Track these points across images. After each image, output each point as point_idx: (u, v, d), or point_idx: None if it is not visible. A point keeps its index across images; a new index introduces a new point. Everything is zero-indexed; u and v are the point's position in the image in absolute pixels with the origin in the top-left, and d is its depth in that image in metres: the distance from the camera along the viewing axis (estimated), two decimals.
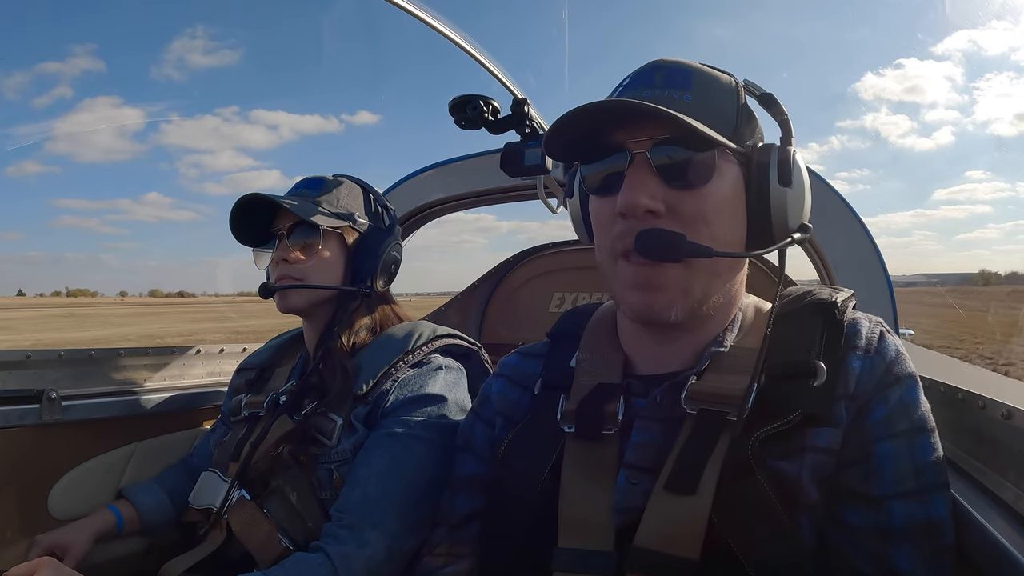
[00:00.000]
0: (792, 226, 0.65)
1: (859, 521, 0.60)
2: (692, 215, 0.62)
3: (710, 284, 0.65)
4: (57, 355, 1.26)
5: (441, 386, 1.01)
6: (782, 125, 0.67)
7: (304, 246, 1.06)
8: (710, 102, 0.64)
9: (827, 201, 1.27)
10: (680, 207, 0.62)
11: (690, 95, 0.64)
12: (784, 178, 0.64)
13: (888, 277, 1.24)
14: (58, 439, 1.20)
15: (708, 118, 0.62)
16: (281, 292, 1.05)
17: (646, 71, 0.67)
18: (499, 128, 1.26)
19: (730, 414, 0.61)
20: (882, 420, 0.61)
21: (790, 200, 0.64)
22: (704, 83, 0.65)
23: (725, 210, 0.64)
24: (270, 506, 0.97)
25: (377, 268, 1.09)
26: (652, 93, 0.64)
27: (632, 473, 0.65)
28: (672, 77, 0.65)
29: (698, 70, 0.66)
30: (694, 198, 0.62)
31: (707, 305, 0.66)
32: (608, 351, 0.75)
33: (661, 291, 0.63)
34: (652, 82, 0.65)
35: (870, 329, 0.65)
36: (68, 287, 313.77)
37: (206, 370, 1.52)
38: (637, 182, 0.62)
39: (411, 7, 1.36)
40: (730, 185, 0.64)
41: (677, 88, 0.64)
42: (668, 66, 0.66)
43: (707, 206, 0.63)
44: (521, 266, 1.91)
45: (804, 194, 0.66)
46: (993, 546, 0.56)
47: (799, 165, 0.66)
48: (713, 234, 0.63)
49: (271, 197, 1.03)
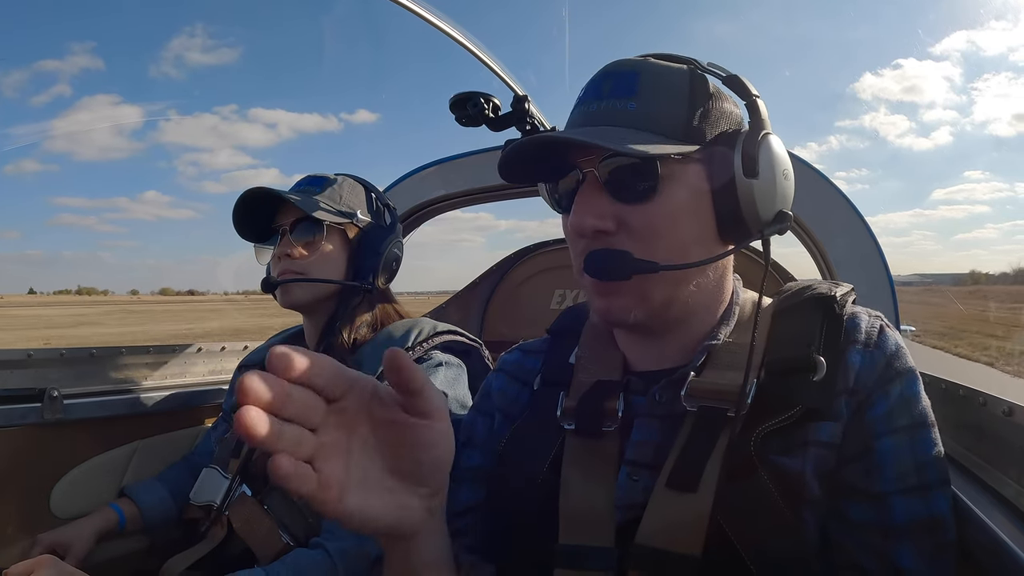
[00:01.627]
0: (765, 217, 0.63)
1: (861, 517, 0.60)
2: (643, 228, 0.62)
3: (673, 290, 0.65)
4: (58, 354, 1.27)
5: (441, 382, 1.01)
6: (749, 108, 0.65)
7: (307, 242, 1.06)
8: (657, 104, 0.63)
9: (828, 198, 1.26)
10: (630, 221, 0.62)
11: (634, 102, 0.62)
12: (749, 170, 0.62)
13: (889, 274, 1.24)
14: (60, 438, 1.20)
15: (653, 122, 0.61)
16: (283, 287, 1.05)
17: (596, 80, 0.66)
18: (500, 125, 1.25)
19: (730, 410, 0.61)
20: (883, 415, 0.61)
21: (758, 192, 0.62)
22: (651, 84, 0.63)
23: (681, 216, 0.63)
24: (271, 502, 0.97)
25: (379, 265, 1.09)
26: (599, 106, 0.64)
27: (633, 470, 0.65)
28: (619, 85, 0.64)
29: (646, 71, 0.64)
30: (643, 211, 0.62)
31: (676, 307, 0.66)
32: (607, 348, 0.75)
33: (617, 296, 0.64)
34: (600, 93, 0.64)
35: (870, 323, 0.65)
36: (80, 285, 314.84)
37: (207, 368, 1.52)
38: (585, 201, 0.63)
39: (411, 4, 1.36)
40: (687, 189, 0.62)
41: (622, 97, 0.63)
42: (616, 73, 0.65)
43: (657, 218, 0.62)
44: (522, 263, 1.91)
45: (775, 183, 0.63)
46: (994, 543, 0.56)
47: (770, 150, 0.63)
48: (668, 244, 0.62)
49: (276, 191, 1.03)
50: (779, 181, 0.64)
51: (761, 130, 0.63)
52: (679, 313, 0.67)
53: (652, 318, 0.65)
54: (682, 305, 0.66)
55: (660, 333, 0.69)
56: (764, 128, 0.64)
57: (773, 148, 0.64)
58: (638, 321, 0.65)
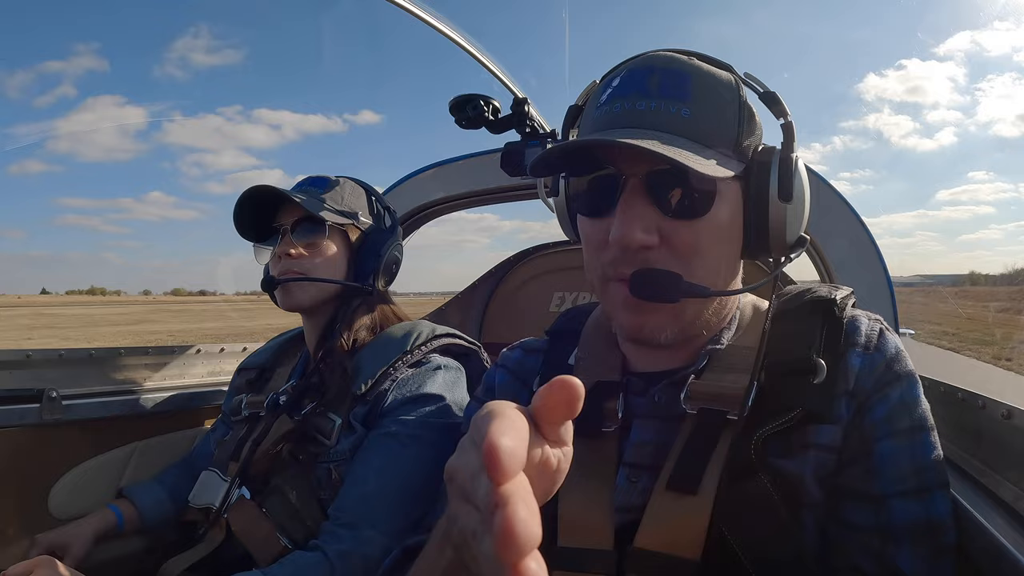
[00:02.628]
0: (790, 241, 0.64)
1: (860, 520, 0.60)
2: (688, 247, 0.60)
3: (703, 308, 0.65)
4: (57, 355, 1.26)
5: (440, 386, 1.01)
6: (784, 129, 0.63)
7: (308, 242, 1.05)
8: (711, 113, 0.60)
9: (828, 201, 1.26)
10: (675, 238, 0.60)
11: (688, 108, 0.59)
12: (785, 193, 0.61)
13: (889, 277, 1.24)
14: (58, 439, 1.20)
15: (709, 134, 0.59)
16: (284, 288, 1.05)
17: (639, 73, 0.61)
18: (499, 128, 1.26)
19: (730, 413, 0.61)
20: (882, 419, 0.61)
21: (789, 217, 0.62)
22: (704, 88, 0.60)
23: (722, 236, 0.62)
24: (269, 505, 0.97)
25: (380, 267, 1.09)
26: (647, 105, 0.59)
27: (632, 472, 0.65)
28: (669, 83, 0.60)
29: (697, 72, 0.61)
30: (691, 228, 0.60)
31: (700, 323, 0.66)
32: (606, 349, 0.75)
33: (653, 313, 0.62)
34: (647, 90, 0.60)
35: (869, 326, 0.65)
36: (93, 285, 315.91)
37: (206, 369, 1.52)
38: (632, 213, 0.59)
39: (412, 7, 1.36)
40: (729, 206, 0.61)
41: (675, 99, 0.59)
42: (664, 68, 0.61)
43: (704, 236, 0.60)
44: (521, 265, 1.90)
45: (804, 206, 0.64)
46: (993, 546, 0.56)
47: (800, 175, 0.63)
48: (708, 264, 0.61)
49: (279, 190, 1.03)
50: (807, 204, 0.64)
51: (792, 151, 0.62)
52: (701, 328, 0.67)
53: (681, 335, 0.65)
54: (704, 321, 0.66)
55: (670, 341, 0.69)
56: (795, 151, 0.63)
57: (802, 172, 0.63)
58: (669, 340, 0.64)
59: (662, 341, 0.64)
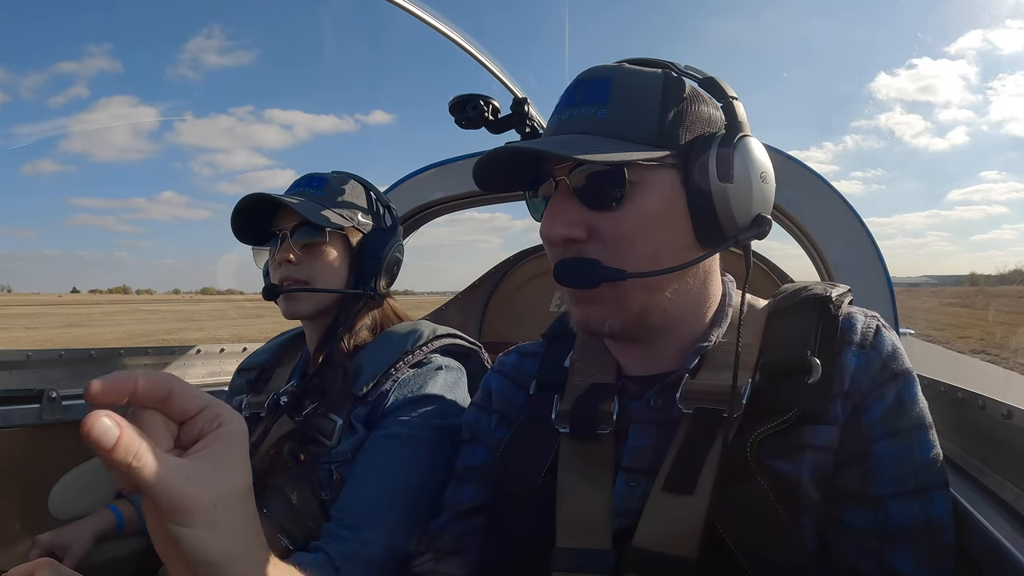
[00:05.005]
0: (742, 222, 0.62)
1: (858, 521, 0.60)
2: (613, 236, 0.62)
3: (649, 298, 0.64)
4: (57, 355, 1.26)
5: (441, 386, 1.01)
6: (725, 110, 0.65)
7: (307, 246, 1.04)
8: (628, 110, 0.62)
9: (827, 200, 1.26)
10: (601, 229, 0.62)
11: (605, 108, 0.62)
12: (723, 173, 0.61)
13: (888, 277, 1.24)
14: (58, 439, 1.20)
15: (625, 128, 0.61)
16: (286, 296, 1.04)
17: (571, 89, 0.66)
18: (499, 127, 1.26)
19: (725, 411, 0.61)
20: (879, 418, 0.60)
21: (733, 196, 0.61)
22: (623, 90, 0.63)
23: (651, 223, 0.62)
24: (270, 506, 0.96)
25: (381, 269, 1.08)
26: (571, 114, 0.64)
27: (630, 476, 0.65)
28: (590, 92, 0.64)
29: (619, 76, 0.64)
30: (614, 219, 0.62)
31: (655, 316, 0.65)
32: (601, 352, 0.75)
33: (592, 304, 0.64)
34: (573, 101, 0.65)
35: (866, 324, 0.65)
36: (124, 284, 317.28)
37: (206, 370, 1.52)
38: (557, 210, 0.63)
39: (413, 7, 1.36)
40: (658, 195, 0.62)
41: (593, 104, 0.63)
42: (589, 80, 0.65)
43: (627, 225, 0.62)
44: (521, 266, 1.91)
45: (751, 186, 0.62)
46: (993, 546, 0.56)
47: (747, 153, 0.62)
48: (640, 251, 0.61)
49: (276, 198, 1.02)
50: (756, 185, 0.62)
51: (737, 133, 0.62)
52: (660, 320, 0.66)
53: (630, 327, 0.65)
54: (661, 313, 0.65)
55: (645, 341, 0.69)
56: (741, 131, 0.63)
57: (750, 151, 0.62)
58: (614, 331, 0.65)
59: (607, 331, 0.65)
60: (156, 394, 0.39)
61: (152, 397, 0.39)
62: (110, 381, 0.37)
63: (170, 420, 0.40)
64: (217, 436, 0.40)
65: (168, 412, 0.40)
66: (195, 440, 0.40)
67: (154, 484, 0.36)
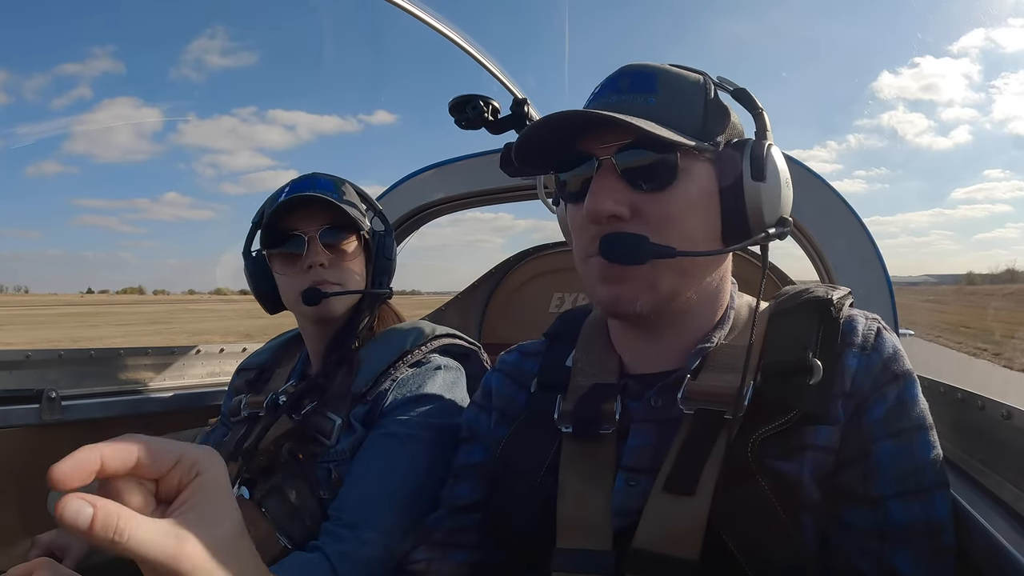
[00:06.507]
0: (769, 220, 0.65)
1: (858, 521, 0.60)
2: (658, 217, 0.63)
3: (680, 282, 0.65)
4: (57, 355, 1.26)
5: (440, 386, 1.01)
6: (756, 119, 0.68)
7: (333, 247, 1.04)
8: (675, 102, 0.65)
9: (827, 201, 1.27)
10: (646, 210, 0.63)
11: (654, 98, 0.64)
12: (757, 173, 0.64)
13: (888, 277, 1.24)
14: (58, 439, 1.20)
15: (672, 119, 0.63)
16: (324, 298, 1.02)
17: (613, 77, 0.68)
18: (499, 128, 1.26)
19: (727, 413, 0.61)
20: (880, 419, 0.61)
21: (764, 195, 0.64)
22: (670, 84, 0.66)
23: (693, 210, 0.64)
24: (269, 505, 0.96)
25: (392, 269, 1.10)
26: (618, 99, 0.65)
27: (630, 476, 0.65)
28: (637, 81, 0.66)
29: (664, 72, 0.67)
30: (659, 200, 0.63)
31: (679, 301, 0.66)
32: (603, 351, 0.75)
33: (626, 283, 0.64)
34: (618, 87, 0.66)
35: (867, 326, 0.65)
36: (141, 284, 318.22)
37: (206, 370, 1.52)
38: (602, 187, 0.63)
39: (414, 8, 1.36)
40: (699, 185, 0.64)
41: (642, 92, 0.65)
42: (634, 71, 0.67)
43: (672, 208, 0.63)
44: (521, 266, 1.91)
45: (779, 188, 0.65)
46: (993, 547, 0.56)
47: (774, 159, 0.65)
48: (680, 235, 0.63)
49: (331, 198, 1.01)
50: (783, 188, 0.66)
51: (767, 140, 0.66)
52: (681, 307, 0.67)
53: (658, 309, 0.65)
54: (685, 300, 0.67)
55: (659, 330, 0.69)
56: (769, 139, 0.66)
57: (776, 158, 0.66)
58: (643, 311, 0.65)
59: (637, 310, 0.64)
60: (123, 462, 0.38)
61: (120, 467, 0.38)
62: (72, 463, 0.36)
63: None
64: (199, 486, 0.40)
65: (141, 475, 0.39)
66: (176, 491, 0.40)
67: (146, 553, 0.36)
